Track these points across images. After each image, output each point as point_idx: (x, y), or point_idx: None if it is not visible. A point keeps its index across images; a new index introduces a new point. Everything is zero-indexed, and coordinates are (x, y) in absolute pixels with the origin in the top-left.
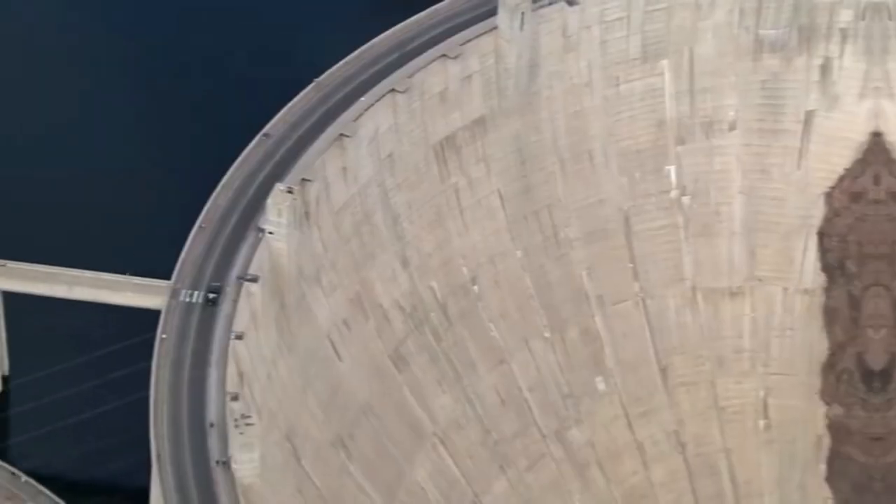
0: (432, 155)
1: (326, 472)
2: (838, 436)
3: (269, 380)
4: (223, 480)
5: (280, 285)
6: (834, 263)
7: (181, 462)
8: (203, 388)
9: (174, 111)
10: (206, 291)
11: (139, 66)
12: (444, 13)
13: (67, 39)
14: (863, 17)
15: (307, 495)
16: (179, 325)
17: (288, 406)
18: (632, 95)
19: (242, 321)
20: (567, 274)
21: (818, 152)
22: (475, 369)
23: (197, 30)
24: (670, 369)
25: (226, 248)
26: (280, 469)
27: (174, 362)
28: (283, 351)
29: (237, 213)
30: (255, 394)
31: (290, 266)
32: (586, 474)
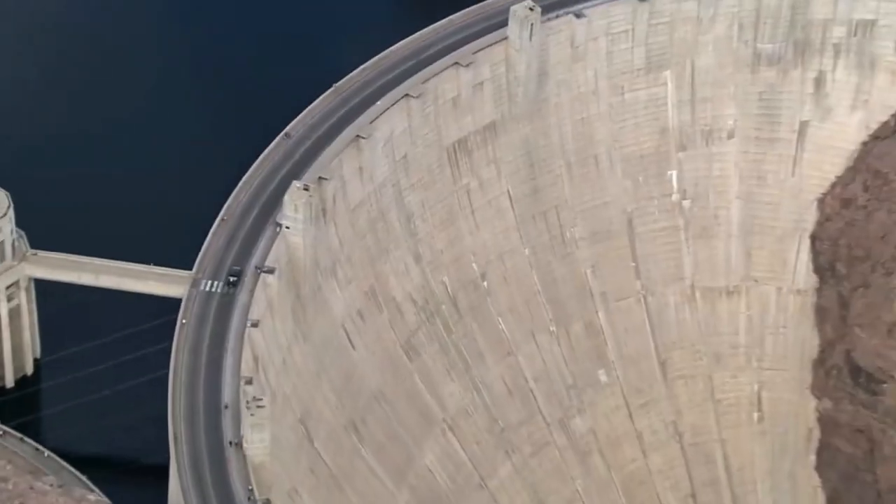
0: (445, 157)
1: (339, 453)
2: (827, 428)
3: (285, 365)
4: (235, 460)
5: (296, 277)
6: (825, 265)
7: (196, 442)
8: (219, 372)
9: (204, 111)
10: (227, 275)
11: (173, 70)
12: (458, 23)
13: (101, 43)
14: (854, 33)
15: (319, 475)
16: (199, 313)
17: (302, 390)
18: (636, 104)
19: (259, 310)
20: (572, 271)
21: (811, 160)
22: (483, 360)
23: (227, 38)
24: (669, 363)
25: (245, 240)
26: (293, 450)
27: (192, 348)
28: (299, 338)
29: (257, 208)
30: (269, 378)
31: (305, 259)
32: (588, 461)
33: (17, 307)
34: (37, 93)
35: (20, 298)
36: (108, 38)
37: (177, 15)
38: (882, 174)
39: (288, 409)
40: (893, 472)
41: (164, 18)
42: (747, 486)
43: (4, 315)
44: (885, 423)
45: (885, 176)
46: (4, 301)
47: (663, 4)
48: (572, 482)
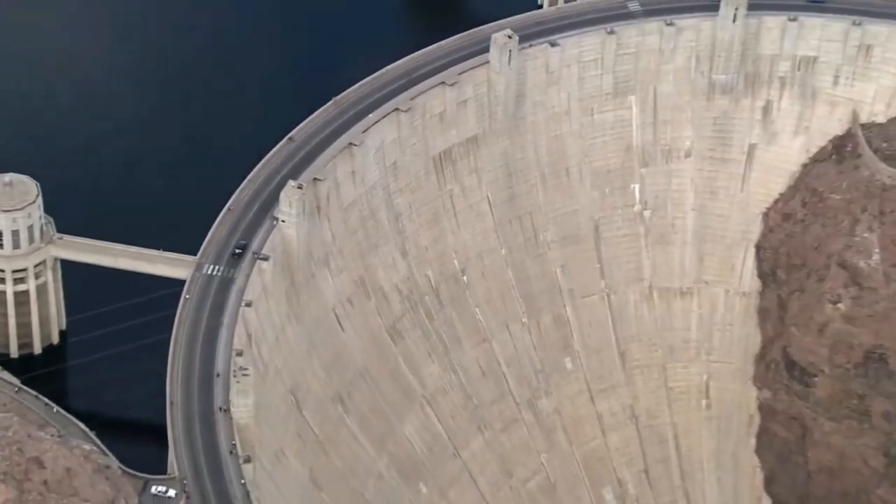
0: (431, 165)
1: (325, 422)
2: (766, 415)
3: (277, 342)
4: (223, 422)
5: (290, 265)
6: (767, 271)
7: (190, 407)
8: (214, 345)
9: (220, 115)
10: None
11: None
12: (446, 48)
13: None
14: (798, 68)
15: (306, 440)
16: (200, 293)
17: (293, 365)
18: (604, 124)
19: (254, 292)
20: (544, 270)
21: (758, 178)
22: (461, 345)
23: (250, 48)
24: (628, 354)
25: (245, 231)
26: (282, 416)
27: (192, 322)
28: (292, 319)
29: (257, 203)
30: (262, 352)
31: (299, 249)
32: (552, 437)
33: (44, 284)
34: (66, 93)
35: (47, 276)
36: (134, 41)
37: (203, 28)
38: (818, 192)
39: (279, 380)
40: (822, 454)
41: (190, 29)
42: (695, 464)
43: (33, 290)
44: (816, 412)
45: (821, 194)
46: (33, 278)
47: (629, 37)
48: (538, 455)
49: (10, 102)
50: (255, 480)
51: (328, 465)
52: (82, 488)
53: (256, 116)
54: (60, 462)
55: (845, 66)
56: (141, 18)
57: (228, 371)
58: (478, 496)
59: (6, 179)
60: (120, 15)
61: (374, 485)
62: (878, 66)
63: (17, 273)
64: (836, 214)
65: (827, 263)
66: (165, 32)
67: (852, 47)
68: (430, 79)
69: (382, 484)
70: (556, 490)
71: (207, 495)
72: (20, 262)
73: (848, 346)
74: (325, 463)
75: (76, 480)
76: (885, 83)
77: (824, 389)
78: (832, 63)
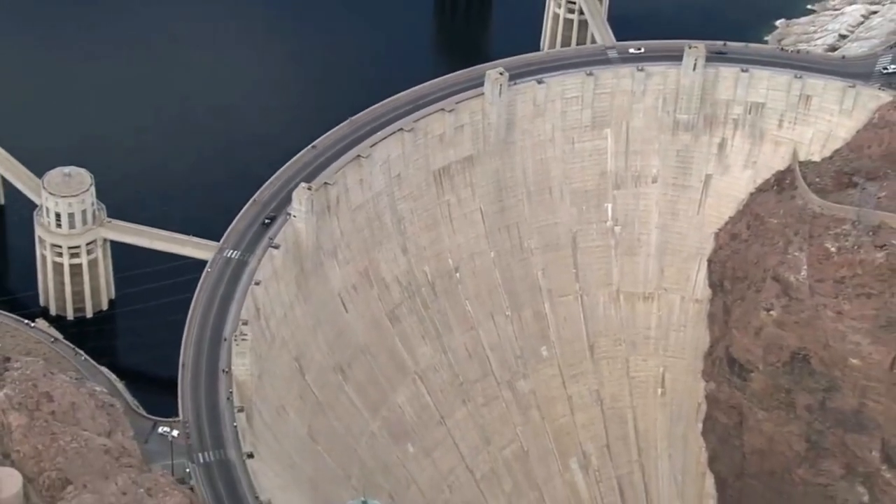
0: (431, 178)
1: (325, 387)
2: (711, 404)
3: (285, 318)
4: (224, 380)
5: (300, 254)
6: (716, 282)
7: (199, 365)
8: (224, 316)
9: (254, 122)
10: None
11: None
12: (450, 81)
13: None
14: (749, 112)
15: (306, 400)
16: (219, 272)
17: (299, 337)
18: (583, 151)
19: (264, 274)
20: (526, 272)
21: (712, 204)
22: (451, 331)
23: (291, 61)
24: (596, 346)
25: (263, 224)
26: (286, 379)
27: (209, 295)
28: (300, 300)
29: (278, 199)
30: (270, 325)
31: (308, 241)
32: (527, 413)
33: (94, 259)
34: (117, 92)
35: (97, 253)
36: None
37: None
38: (760, 217)
39: (285, 349)
40: (755, 439)
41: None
42: (650, 442)
43: (85, 264)
44: (751, 403)
45: (762, 219)
46: (85, 254)
47: (606, 79)
48: (514, 427)
49: (76, 107)
50: (253, 430)
51: (325, 423)
52: (84, 420)
53: (295, 127)
54: (67, 397)
55: (788, 112)
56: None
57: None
58: (459, 458)
59: (66, 171)
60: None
61: (366, 442)
62: (815, 113)
63: (73, 249)
64: (773, 236)
65: (763, 277)
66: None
67: (794, 96)
68: (432, 105)
69: (374, 442)
70: (528, 458)
71: (204, 435)
72: (75, 240)
73: (778, 348)
74: (323, 421)
75: (79, 413)
76: (820, 128)
77: (758, 384)
78: (777, 109)
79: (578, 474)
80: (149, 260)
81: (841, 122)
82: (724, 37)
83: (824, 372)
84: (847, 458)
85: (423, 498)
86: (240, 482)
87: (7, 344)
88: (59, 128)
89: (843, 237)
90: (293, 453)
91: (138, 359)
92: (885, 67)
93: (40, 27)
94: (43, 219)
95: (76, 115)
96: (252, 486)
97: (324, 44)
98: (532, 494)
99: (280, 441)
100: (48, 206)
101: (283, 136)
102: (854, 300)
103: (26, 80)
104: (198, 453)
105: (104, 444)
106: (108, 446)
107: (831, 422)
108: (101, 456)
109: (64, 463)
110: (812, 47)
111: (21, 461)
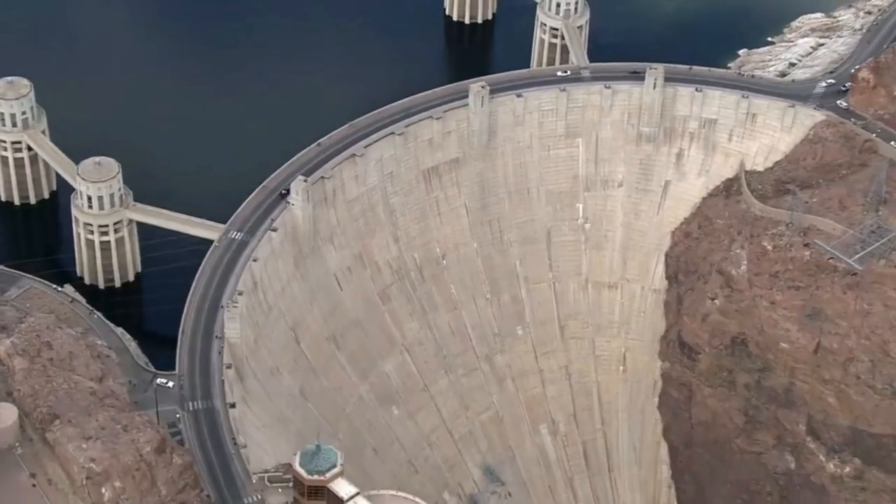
0: (421, 177)
1: (319, 354)
2: (665, 381)
3: (283, 291)
4: (217, 343)
5: (297, 237)
6: (671, 274)
7: (196, 331)
8: (223, 288)
9: (266, 120)
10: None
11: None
12: (439, 94)
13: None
14: (703, 126)
15: (300, 364)
16: (222, 251)
17: (295, 310)
18: (557, 157)
19: (262, 253)
20: (506, 261)
21: (669, 206)
22: (437, 310)
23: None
24: (566, 328)
25: (265, 210)
26: (282, 344)
27: (212, 269)
28: (298, 277)
29: (282, 189)
30: (268, 297)
31: (304, 227)
32: (503, 384)
33: (122, 238)
34: (143, 88)
35: (124, 232)
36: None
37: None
38: (709, 218)
39: (282, 319)
40: (701, 412)
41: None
42: (612, 413)
43: (113, 241)
44: (699, 380)
45: (711, 220)
46: (112, 232)
47: (578, 95)
48: (490, 396)
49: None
50: (245, 387)
51: (317, 384)
52: (78, 367)
53: (308, 127)
54: (66, 347)
55: (737, 128)
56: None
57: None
58: (440, 421)
59: (97, 160)
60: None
61: (354, 404)
62: (760, 129)
63: (102, 227)
64: (719, 235)
65: (710, 270)
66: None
67: (742, 114)
68: (422, 113)
69: (362, 404)
70: (503, 423)
71: (195, 387)
72: (104, 220)
73: (721, 333)
74: (315, 382)
75: (75, 361)
76: (764, 142)
77: (704, 364)
78: (727, 125)
79: (547, 438)
80: (171, 239)
81: (782, 138)
82: (693, 63)
83: (759, 354)
84: (778, 431)
85: (406, 454)
86: (221, 427)
87: (34, 304)
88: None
89: (778, 237)
90: (284, 409)
91: (154, 321)
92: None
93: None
94: (78, 201)
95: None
96: (231, 430)
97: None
98: (505, 454)
99: (272, 398)
100: (82, 189)
101: (291, 135)
102: (785, 292)
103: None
104: (188, 402)
105: (91, 388)
106: (95, 389)
107: (765, 398)
108: (87, 397)
109: (54, 401)
110: (766, 73)
111: (20, 399)
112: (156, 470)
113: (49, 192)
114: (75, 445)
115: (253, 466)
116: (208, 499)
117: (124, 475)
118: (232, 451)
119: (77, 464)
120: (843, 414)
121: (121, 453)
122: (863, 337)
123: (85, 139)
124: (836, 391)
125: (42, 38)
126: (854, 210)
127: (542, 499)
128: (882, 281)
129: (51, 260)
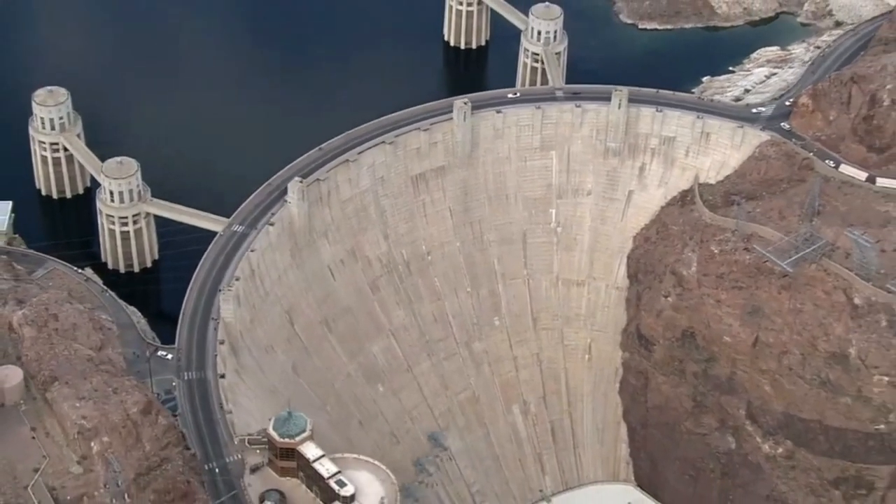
0: (410, 182)
1: (311, 335)
2: (625, 369)
3: (279, 279)
4: (212, 326)
5: (293, 232)
6: (632, 274)
7: (196, 311)
8: (222, 275)
9: (274, 124)
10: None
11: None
12: (427, 108)
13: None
14: (663, 143)
15: (293, 344)
16: (224, 242)
17: (291, 296)
18: (533, 168)
19: (260, 244)
20: (485, 259)
21: (632, 213)
22: (422, 301)
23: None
24: (538, 319)
25: (266, 206)
26: (277, 325)
27: (214, 258)
28: (293, 267)
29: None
30: (264, 284)
31: (300, 222)
32: (480, 368)
33: (140, 229)
34: (161, 89)
35: (142, 223)
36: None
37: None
38: (666, 224)
39: (277, 303)
40: (655, 397)
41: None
42: (578, 397)
43: (132, 232)
44: (654, 369)
45: (667, 226)
46: (132, 223)
47: (552, 112)
48: (468, 378)
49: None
50: (240, 362)
51: (309, 362)
52: (81, 337)
53: (312, 133)
54: (70, 319)
55: (693, 145)
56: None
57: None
58: (421, 398)
59: (119, 160)
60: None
61: (342, 381)
62: (713, 146)
63: (122, 219)
64: (673, 239)
65: (665, 271)
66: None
67: (697, 132)
68: (411, 125)
69: (350, 381)
70: (479, 402)
71: (191, 359)
72: (124, 213)
73: (673, 326)
74: (307, 360)
75: (78, 332)
76: (716, 158)
77: (659, 354)
78: (684, 142)
79: (519, 417)
80: (184, 229)
81: (732, 154)
82: (661, 87)
83: (706, 347)
84: (721, 415)
85: (389, 426)
86: (211, 395)
87: (55, 283)
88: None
89: (724, 242)
90: (276, 383)
91: (165, 302)
92: (756, 110)
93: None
94: (102, 195)
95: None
96: (219, 398)
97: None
98: (480, 431)
99: (266, 373)
100: (105, 185)
101: (295, 143)
102: (729, 291)
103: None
104: (184, 372)
105: (90, 355)
106: (92, 356)
107: (710, 386)
108: (84, 363)
109: (55, 366)
110: (724, 97)
111: (27, 363)
112: (141, 428)
113: (83, 187)
114: (70, 404)
115: (239, 431)
116: (193, 457)
117: (112, 431)
118: (218, 416)
119: (70, 420)
120: (778, 400)
121: (110, 412)
122: (795, 332)
123: (114, 140)
124: (772, 380)
125: (83, 50)
126: (791, 220)
127: (513, 471)
128: (813, 283)
129: (81, 247)
